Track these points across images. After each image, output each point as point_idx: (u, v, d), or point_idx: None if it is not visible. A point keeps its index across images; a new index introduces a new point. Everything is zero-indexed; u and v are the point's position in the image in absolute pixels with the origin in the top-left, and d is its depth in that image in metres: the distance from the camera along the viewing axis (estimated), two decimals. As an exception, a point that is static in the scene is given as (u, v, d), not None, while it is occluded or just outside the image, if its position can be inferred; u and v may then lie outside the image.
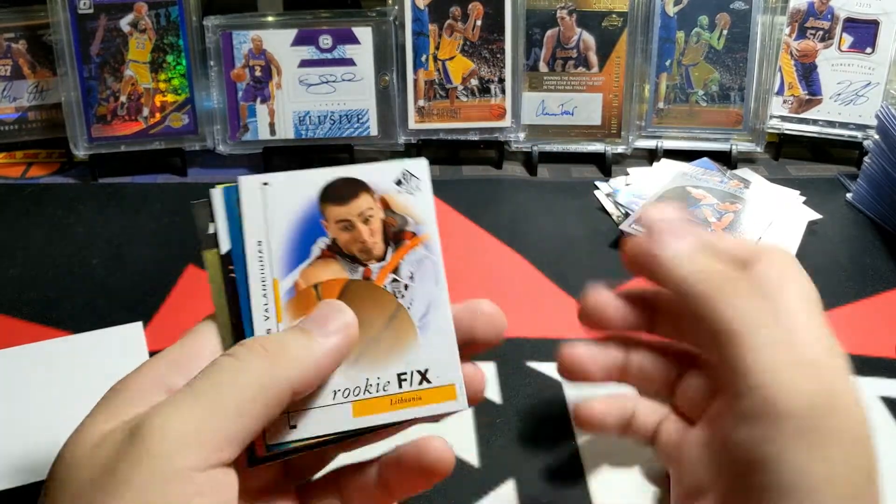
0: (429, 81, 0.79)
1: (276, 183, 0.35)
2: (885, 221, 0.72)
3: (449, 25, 0.78)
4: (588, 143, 0.82)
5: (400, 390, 0.34)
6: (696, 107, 0.82)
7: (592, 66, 0.80)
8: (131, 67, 0.77)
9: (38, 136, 0.81)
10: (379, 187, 0.35)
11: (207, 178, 0.79)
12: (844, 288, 0.64)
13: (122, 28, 0.76)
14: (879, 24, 0.80)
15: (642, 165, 0.81)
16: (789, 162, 0.84)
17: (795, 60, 0.83)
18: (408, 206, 0.35)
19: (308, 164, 0.91)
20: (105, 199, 0.75)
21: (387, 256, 0.35)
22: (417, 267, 0.35)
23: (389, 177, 0.36)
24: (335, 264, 0.35)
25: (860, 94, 0.81)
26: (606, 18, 0.79)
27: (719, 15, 0.80)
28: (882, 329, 0.60)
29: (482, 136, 0.81)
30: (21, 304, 0.60)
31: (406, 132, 0.80)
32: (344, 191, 0.35)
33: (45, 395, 0.51)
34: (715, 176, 0.76)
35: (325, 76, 0.78)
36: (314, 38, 0.77)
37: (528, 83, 0.81)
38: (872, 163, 0.74)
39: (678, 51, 0.81)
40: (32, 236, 0.69)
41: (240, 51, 0.77)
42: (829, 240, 0.71)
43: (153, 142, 0.78)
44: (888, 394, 0.54)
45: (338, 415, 0.33)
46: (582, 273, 0.65)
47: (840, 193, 0.78)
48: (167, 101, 0.78)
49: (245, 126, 0.78)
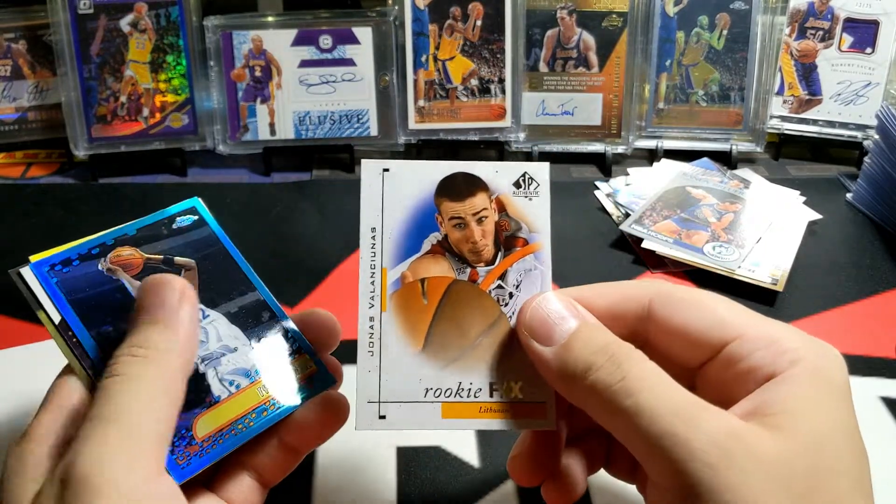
0: (429, 81, 0.79)
1: (396, 170, 0.35)
2: (885, 221, 0.72)
3: (449, 25, 0.78)
4: (588, 143, 0.82)
5: (490, 399, 0.34)
6: (696, 107, 0.82)
7: (592, 66, 0.80)
8: (131, 67, 0.77)
9: (38, 136, 0.81)
10: (497, 187, 0.35)
11: (207, 178, 0.79)
12: (844, 288, 0.64)
13: (122, 28, 0.76)
14: (879, 24, 0.80)
15: (642, 165, 0.81)
16: (789, 162, 0.84)
17: (795, 60, 0.83)
18: (524, 210, 0.35)
19: (308, 164, 0.91)
20: (105, 199, 0.75)
21: (496, 260, 0.35)
22: (525, 276, 0.35)
23: (509, 178, 0.35)
24: (444, 261, 0.35)
25: (860, 94, 0.81)
26: (606, 18, 0.79)
27: (719, 15, 0.80)
28: (882, 329, 0.60)
29: (482, 136, 0.81)
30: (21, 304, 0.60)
31: (406, 132, 0.80)
32: (462, 187, 0.35)
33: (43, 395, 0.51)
34: (715, 176, 0.76)
35: (325, 76, 0.78)
36: (314, 39, 0.77)
37: (528, 83, 0.81)
38: (872, 163, 0.74)
39: (678, 51, 0.81)
40: (32, 236, 0.69)
41: (240, 51, 0.77)
42: (829, 240, 0.71)
43: (153, 142, 0.78)
44: (888, 394, 0.54)
45: (427, 412, 0.34)
46: (582, 273, 0.65)
47: (840, 193, 0.78)
48: (167, 101, 0.78)
49: (245, 126, 0.78)
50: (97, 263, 0.37)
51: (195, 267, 0.38)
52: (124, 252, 0.37)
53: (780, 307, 0.61)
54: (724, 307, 0.33)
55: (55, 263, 0.36)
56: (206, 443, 0.34)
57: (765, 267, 0.64)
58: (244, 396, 0.35)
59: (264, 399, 0.36)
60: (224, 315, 0.37)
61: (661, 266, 0.66)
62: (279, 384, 0.36)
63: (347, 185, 0.78)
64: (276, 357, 0.37)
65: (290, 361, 0.37)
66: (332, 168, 0.81)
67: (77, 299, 0.36)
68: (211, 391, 0.35)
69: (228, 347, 0.37)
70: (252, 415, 0.35)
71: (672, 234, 0.67)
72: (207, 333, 0.36)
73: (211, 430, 0.34)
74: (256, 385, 0.36)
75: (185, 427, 0.34)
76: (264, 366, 0.37)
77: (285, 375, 0.37)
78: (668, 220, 0.69)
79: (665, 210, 0.70)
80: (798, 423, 0.28)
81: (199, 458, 0.33)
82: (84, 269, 0.36)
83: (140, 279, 0.36)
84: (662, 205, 0.71)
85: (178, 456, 0.33)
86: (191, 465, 0.33)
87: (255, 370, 0.36)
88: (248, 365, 0.36)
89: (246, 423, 0.35)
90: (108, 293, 0.36)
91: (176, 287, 0.33)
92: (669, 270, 0.66)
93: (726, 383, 0.32)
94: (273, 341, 0.37)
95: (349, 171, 0.81)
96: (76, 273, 0.36)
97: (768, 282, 0.62)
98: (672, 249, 0.65)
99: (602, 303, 0.34)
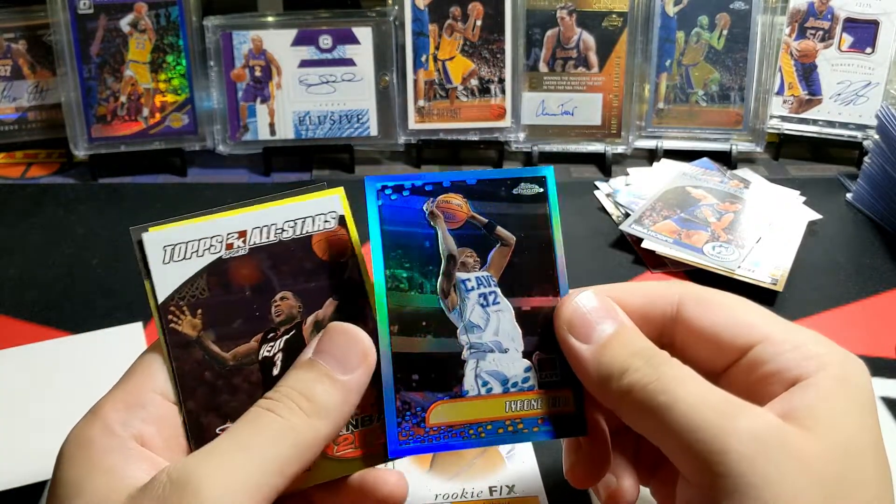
0: (429, 81, 0.79)
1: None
2: (885, 221, 0.72)
3: (449, 25, 0.78)
4: (588, 143, 0.82)
5: (490, 497, 0.43)
6: (696, 107, 0.82)
7: (592, 66, 0.80)
8: (131, 67, 0.77)
9: (38, 136, 0.81)
10: None
11: (207, 178, 0.79)
12: (844, 288, 0.64)
13: (121, 28, 0.76)
14: (879, 24, 0.80)
15: (642, 165, 0.81)
16: (789, 162, 0.84)
17: (795, 60, 0.83)
18: None
19: (308, 164, 0.91)
20: (105, 199, 0.75)
21: None
22: None
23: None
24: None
25: (860, 94, 0.81)
26: (606, 18, 0.79)
27: (719, 15, 0.80)
28: (882, 329, 0.60)
29: (482, 136, 0.81)
30: (21, 304, 0.60)
31: (406, 132, 0.80)
32: None
33: (45, 395, 0.51)
34: (715, 176, 0.76)
35: (325, 76, 0.78)
36: (314, 38, 0.77)
37: (528, 83, 0.81)
38: (872, 163, 0.74)
39: (678, 51, 0.81)
40: (32, 236, 0.69)
41: (240, 51, 0.77)
42: (829, 240, 0.71)
43: (153, 142, 0.78)
44: (888, 394, 0.54)
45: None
46: (582, 273, 0.65)
47: (840, 193, 0.78)
48: (167, 101, 0.78)
49: (245, 126, 0.78)
50: (424, 201, 0.35)
51: (513, 245, 0.35)
52: (454, 200, 0.35)
53: (780, 307, 0.61)
54: (750, 310, 0.34)
55: (388, 185, 0.35)
56: (433, 431, 0.33)
57: (765, 267, 0.64)
58: (490, 404, 0.33)
59: (508, 416, 0.34)
60: (515, 309, 0.35)
61: (661, 266, 0.66)
62: (530, 409, 0.34)
63: (348, 185, 0.78)
64: (541, 380, 0.34)
65: (551, 389, 0.34)
66: (332, 168, 0.81)
67: (389, 231, 0.34)
68: (463, 383, 0.33)
69: (501, 346, 0.34)
70: (489, 426, 0.33)
71: (672, 234, 0.67)
72: (489, 321, 0.34)
73: (443, 421, 0.33)
74: (507, 398, 0.34)
75: (422, 407, 0.33)
76: (524, 383, 0.34)
77: (539, 404, 0.34)
78: (668, 220, 0.69)
79: (665, 210, 0.70)
80: (828, 429, 0.28)
81: (421, 444, 0.33)
82: (410, 203, 0.35)
83: (455, 237, 0.34)
84: (662, 205, 0.71)
85: (403, 431, 0.33)
86: (410, 446, 0.33)
87: (513, 383, 0.34)
88: (510, 373, 0.34)
89: (478, 432, 0.33)
90: (418, 237, 0.34)
91: (360, 349, 0.32)
92: (669, 270, 0.66)
93: (751, 386, 0.32)
94: (545, 362, 0.34)
95: (349, 171, 0.81)
96: (401, 203, 0.34)
97: (768, 282, 0.62)
98: (672, 249, 0.65)
99: (633, 302, 0.35)
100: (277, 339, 0.33)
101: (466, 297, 0.34)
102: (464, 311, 0.34)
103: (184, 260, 0.33)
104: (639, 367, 0.31)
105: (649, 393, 0.30)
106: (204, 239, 0.33)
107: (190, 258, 0.33)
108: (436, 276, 0.34)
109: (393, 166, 0.83)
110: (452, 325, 0.34)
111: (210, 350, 0.33)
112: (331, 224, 0.35)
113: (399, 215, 0.34)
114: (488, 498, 0.43)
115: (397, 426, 0.32)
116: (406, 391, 0.33)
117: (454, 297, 0.34)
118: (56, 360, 0.55)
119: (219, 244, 0.33)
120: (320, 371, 0.31)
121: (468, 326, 0.34)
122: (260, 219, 0.34)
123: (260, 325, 0.33)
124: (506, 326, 0.34)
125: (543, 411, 0.34)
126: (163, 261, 0.32)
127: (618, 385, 0.31)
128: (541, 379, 0.34)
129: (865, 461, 0.28)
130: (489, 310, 0.34)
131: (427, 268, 0.34)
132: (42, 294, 0.61)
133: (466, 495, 0.42)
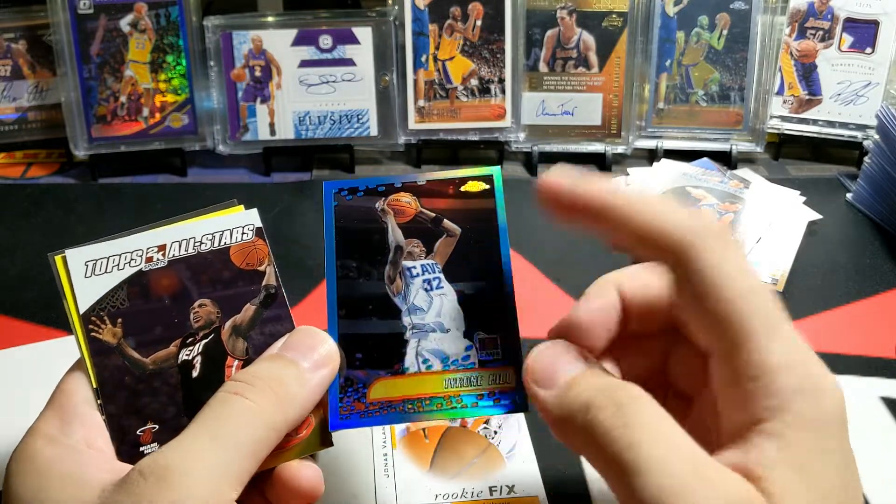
0: (429, 81, 0.79)
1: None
2: (885, 221, 0.72)
3: (449, 25, 0.78)
4: (588, 143, 0.82)
5: (490, 497, 0.43)
6: (696, 107, 0.82)
7: (592, 66, 0.80)
8: (131, 67, 0.77)
9: (38, 136, 0.81)
10: None
11: (207, 178, 0.79)
12: (844, 288, 0.64)
13: (121, 28, 0.76)
14: (879, 24, 0.80)
15: (642, 166, 0.81)
16: (789, 162, 0.84)
17: (795, 60, 0.83)
18: None
19: (308, 164, 0.91)
20: (105, 199, 0.75)
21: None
22: (504, 420, 0.47)
23: None
24: None
25: (860, 94, 0.81)
26: (606, 18, 0.79)
27: (719, 15, 0.80)
28: (882, 329, 0.60)
29: (482, 136, 0.81)
30: (21, 304, 0.60)
31: (406, 132, 0.80)
32: None
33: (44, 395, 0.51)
34: (715, 176, 0.76)
35: (325, 76, 0.78)
36: (314, 39, 0.77)
37: (528, 83, 0.81)
38: (872, 163, 0.74)
39: (678, 51, 0.81)
40: (32, 236, 0.69)
41: (240, 51, 0.77)
42: (829, 240, 0.71)
43: (153, 142, 0.78)
44: (888, 394, 0.54)
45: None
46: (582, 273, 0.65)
47: (840, 193, 0.78)
48: (167, 101, 0.78)
49: (245, 126, 0.78)
50: (377, 201, 0.38)
51: (458, 235, 0.37)
52: (404, 198, 0.38)
53: (780, 307, 0.61)
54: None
55: (343, 189, 0.38)
56: (372, 406, 0.34)
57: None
58: (429, 380, 0.35)
59: (447, 392, 0.35)
60: (457, 293, 0.36)
61: (661, 266, 0.66)
62: (468, 386, 0.35)
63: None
64: (481, 358, 0.35)
65: (492, 368, 0.35)
66: (332, 168, 0.81)
67: (342, 227, 0.37)
68: (403, 361, 0.35)
69: (443, 326, 0.36)
70: (426, 402, 0.34)
71: (672, 234, 0.67)
72: (431, 303, 0.36)
73: (382, 396, 0.34)
74: (447, 374, 0.35)
75: (364, 383, 0.34)
76: (464, 361, 0.35)
77: (479, 380, 0.35)
78: (668, 220, 0.69)
79: (665, 210, 0.70)
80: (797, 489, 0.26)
81: (360, 418, 0.34)
82: (364, 203, 0.38)
83: (404, 229, 0.37)
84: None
85: (344, 406, 0.34)
86: (350, 419, 0.34)
87: (453, 360, 0.35)
88: (450, 352, 0.35)
89: (416, 407, 0.34)
90: (369, 231, 0.37)
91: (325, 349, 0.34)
92: (669, 270, 0.66)
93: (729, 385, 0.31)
94: (487, 341, 0.36)
95: (349, 171, 0.81)
96: (355, 203, 0.38)
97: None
98: (672, 249, 0.65)
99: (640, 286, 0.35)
100: (196, 343, 0.35)
101: (411, 283, 0.37)
102: (408, 295, 0.36)
103: (105, 274, 0.35)
104: (602, 403, 0.29)
105: (613, 442, 0.27)
106: (125, 254, 0.36)
107: (111, 272, 0.35)
108: (384, 265, 0.37)
109: (393, 166, 0.83)
110: (397, 309, 0.36)
111: (129, 356, 0.35)
112: (248, 236, 0.37)
113: (353, 213, 0.38)
114: (488, 498, 0.43)
115: (339, 401, 0.34)
116: (349, 369, 0.35)
117: (399, 283, 0.36)
118: (56, 360, 0.54)
119: (139, 258, 0.36)
120: (289, 362, 0.33)
121: (411, 309, 0.36)
122: (179, 233, 0.36)
123: (179, 331, 0.35)
124: (448, 308, 0.36)
125: (483, 388, 0.35)
126: (84, 275, 0.35)
127: (581, 422, 0.29)
128: (482, 357, 0.36)
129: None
130: (432, 294, 0.36)
131: (376, 258, 0.37)
132: (42, 294, 0.61)
133: (466, 495, 0.42)
